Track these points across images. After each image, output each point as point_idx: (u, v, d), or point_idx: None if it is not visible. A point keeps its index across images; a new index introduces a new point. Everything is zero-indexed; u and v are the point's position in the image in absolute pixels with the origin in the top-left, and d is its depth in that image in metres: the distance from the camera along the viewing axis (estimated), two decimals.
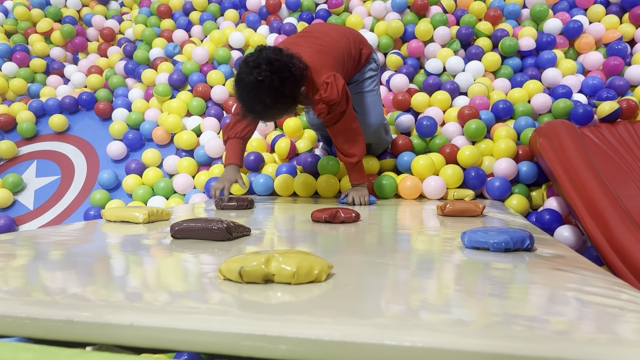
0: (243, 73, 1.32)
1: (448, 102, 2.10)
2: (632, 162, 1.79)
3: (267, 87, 1.29)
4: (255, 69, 1.29)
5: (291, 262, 0.57)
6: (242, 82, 1.32)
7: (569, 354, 0.38)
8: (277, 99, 1.32)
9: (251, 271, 0.57)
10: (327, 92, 1.47)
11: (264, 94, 1.30)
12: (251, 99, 1.32)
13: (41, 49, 2.73)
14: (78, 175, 2.22)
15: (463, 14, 2.43)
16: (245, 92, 1.32)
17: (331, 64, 1.53)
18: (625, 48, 2.19)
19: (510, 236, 0.81)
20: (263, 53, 1.32)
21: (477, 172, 1.77)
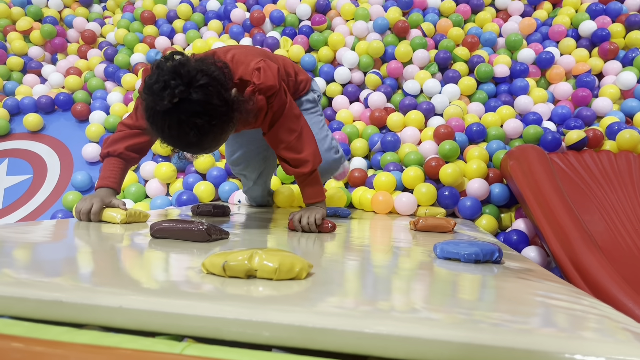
0: (151, 103, 0.98)
1: (422, 122, 2.16)
2: (596, 189, 1.87)
3: (192, 104, 0.98)
4: (164, 90, 0.96)
5: (273, 259, 0.59)
6: (155, 115, 0.99)
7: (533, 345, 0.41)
8: (210, 114, 1.00)
9: (235, 266, 0.59)
10: (261, 77, 1.19)
11: (191, 117, 0.98)
12: (179, 132, 0.99)
13: (19, 47, 2.71)
14: (50, 176, 2.19)
15: (442, 38, 2.51)
16: (165, 125, 0.99)
17: (259, 54, 1.29)
18: (594, 80, 2.29)
19: (480, 248, 0.85)
20: (164, 68, 1.00)
21: (452, 191, 1.82)
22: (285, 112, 1.27)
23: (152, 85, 0.98)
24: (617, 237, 1.61)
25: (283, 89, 1.26)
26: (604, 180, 1.89)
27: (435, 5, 2.68)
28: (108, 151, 1.27)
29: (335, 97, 2.38)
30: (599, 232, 1.65)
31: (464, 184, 1.89)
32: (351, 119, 2.29)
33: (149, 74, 1.01)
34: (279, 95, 1.24)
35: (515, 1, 2.67)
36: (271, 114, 1.26)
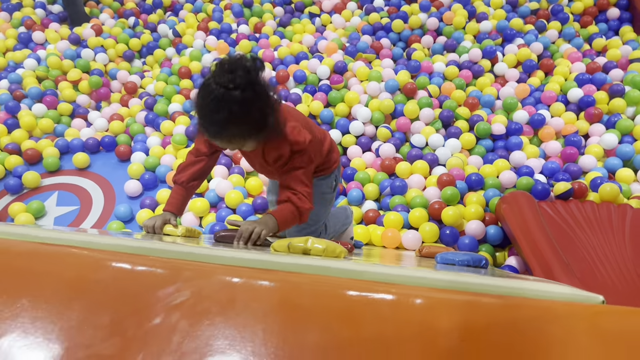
0: (212, 75, 1.14)
1: (426, 170, 2.43)
2: (580, 234, 2.11)
3: (240, 96, 1.12)
4: (230, 73, 1.11)
5: (322, 243, 0.85)
6: (208, 87, 1.13)
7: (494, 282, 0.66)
8: (245, 114, 1.15)
9: (296, 245, 0.84)
10: (295, 133, 1.33)
11: (232, 103, 1.12)
12: (215, 107, 1.13)
13: (69, 95, 3.04)
14: (95, 208, 2.46)
15: (445, 99, 2.82)
16: (209, 96, 1.13)
17: (301, 122, 1.42)
18: (580, 140, 2.57)
19: (471, 257, 1.10)
20: (245, 61, 1.15)
21: (452, 230, 2.07)
22: (302, 171, 1.39)
23: (224, 64, 1.14)
24: (595, 272, 1.84)
25: (311, 152, 1.38)
26: (588, 226, 2.14)
27: (440, 70, 3.02)
28: (175, 179, 1.51)
29: (350, 147, 2.67)
30: (580, 268, 1.88)
31: (463, 224, 2.14)
32: (364, 166, 2.57)
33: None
34: (304, 154, 1.37)
35: (512, 69, 3.00)
36: (289, 166, 1.39)
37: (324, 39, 3.34)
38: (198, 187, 1.58)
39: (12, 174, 2.57)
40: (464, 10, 3.39)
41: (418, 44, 3.29)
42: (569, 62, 2.99)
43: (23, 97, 3.00)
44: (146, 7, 3.85)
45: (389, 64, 3.08)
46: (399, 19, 3.40)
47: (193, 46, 3.37)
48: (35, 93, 2.99)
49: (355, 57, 3.17)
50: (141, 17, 3.77)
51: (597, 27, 3.34)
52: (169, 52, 3.40)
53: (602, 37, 3.23)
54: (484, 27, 3.27)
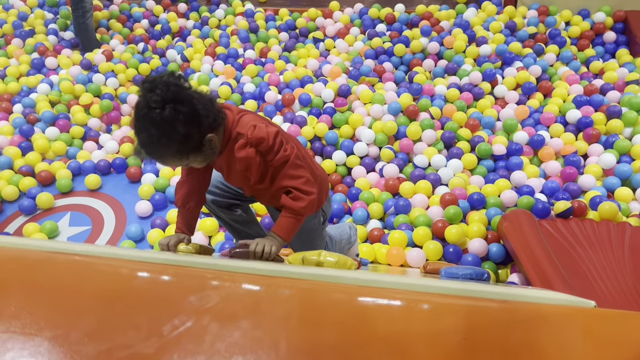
0: (139, 97, 1.15)
1: (430, 190, 2.50)
2: (581, 251, 2.16)
3: (158, 116, 1.12)
4: (150, 92, 1.12)
5: (334, 256, 0.91)
6: (135, 107, 1.16)
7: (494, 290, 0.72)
8: (165, 134, 1.13)
9: (310, 259, 0.91)
10: (255, 132, 1.26)
11: (150, 123, 1.12)
12: (139, 126, 1.15)
13: (81, 118, 3.13)
14: (107, 228, 2.52)
15: (447, 120, 2.90)
16: (135, 119, 1.16)
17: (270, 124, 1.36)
18: (579, 160, 2.63)
19: (474, 270, 1.16)
20: (165, 78, 1.15)
21: (455, 248, 2.13)
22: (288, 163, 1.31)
23: (145, 83, 1.14)
24: (595, 287, 1.89)
25: (282, 144, 1.29)
26: (588, 244, 2.19)
27: (441, 92, 3.10)
28: (175, 202, 1.55)
29: (354, 167, 2.74)
30: (580, 284, 1.93)
31: (466, 242, 2.20)
32: (368, 186, 2.64)
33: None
34: (275, 149, 1.27)
35: (511, 91, 3.08)
36: (272, 170, 1.32)
37: (328, 63, 3.44)
38: (199, 207, 1.56)
39: (27, 195, 2.64)
40: (464, 35, 3.49)
41: (420, 67, 3.38)
42: (567, 85, 3.07)
43: (37, 120, 3.09)
44: (155, 33, 3.97)
45: (391, 87, 3.17)
46: (401, 43, 3.50)
47: (201, 71, 3.46)
48: (48, 117, 3.08)
49: (359, 81, 3.27)
50: (150, 42, 3.88)
51: (594, 50, 3.43)
52: None
53: (599, 60, 3.32)
54: (483, 50, 3.37)
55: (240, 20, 3.95)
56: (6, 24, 3.98)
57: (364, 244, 2.25)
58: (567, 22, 3.67)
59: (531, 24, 3.61)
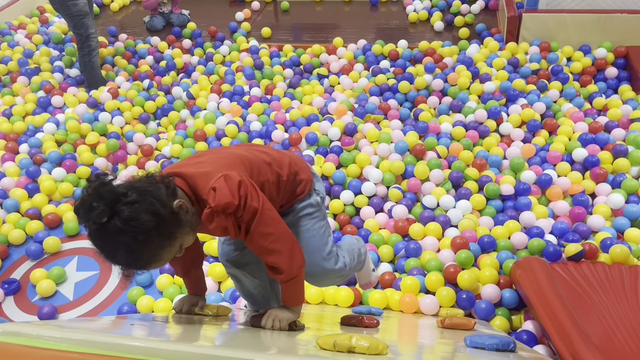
0: (82, 223, 1.05)
1: (440, 232, 2.49)
2: (594, 296, 2.15)
3: (116, 223, 1.01)
4: (89, 212, 1.00)
5: (367, 340, 0.90)
6: (89, 235, 1.06)
7: None
8: (136, 231, 1.02)
9: (341, 343, 0.90)
10: (216, 198, 1.14)
11: (115, 235, 1.01)
12: (108, 251, 1.06)
13: (87, 158, 3.13)
14: (115, 273, 2.50)
15: (454, 160, 2.91)
16: (97, 245, 1.06)
17: (225, 167, 1.23)
18: (587, 200, 2.63)
19: (500, 340, 1.15)
20: (89, 190, 1.03)
21: (469, 294, 2.12)
22: (257, 217, 1.20)
23: (78, 208, 1.02)
24: (613, 338, 1.87)
25: (247, 197, 1.18)
26: (601, 289, 2.17)
27: (447, 130, 3.12)
28: (176, 274, 1.52)
29: (362, 207, 2.73)
30: (597, 334, 1.92)
31: (478, 288, 2.19)
32: (377, 228, 2.63)
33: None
34: (245, 208, 1.17)
35: (517, 129, 3.10)
36: (244, 225, 1.21)
37: (333, 100, 3.46)
38: (201, 266, 1.52)
39: (33, 239, 2.63)
40: (468, 72, 3.53)
41: (424, 104, 3.40)
42: (571, 122, 3.09)
43: (43, 161, 3.09)
44: (160, 69, 4.00)
45: (397, 125, 3.18)
46: (405, 80, 3.53)
47: (207, 108, 3.48)
48: (54, 157, 3.08)
49: (365, 118, 3.28)
50: (155, 79, 3.91)
51: (596, 86, 3.46)
52: (183, 114, 3.51)
53: (602, 96, 3.35)
54: (487, 87, 3.40)
55: (245, 57, 3.98)
56: (11, 62, 4.01)
57: (375, 290, 2.23)
58: (569, 58, 3.71)
59: (533, 60, 3.64)
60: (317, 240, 1.48)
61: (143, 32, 4.55)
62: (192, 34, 4.39)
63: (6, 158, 3.11)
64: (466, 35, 4.06)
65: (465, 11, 4.33)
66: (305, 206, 1.48)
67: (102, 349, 0.76)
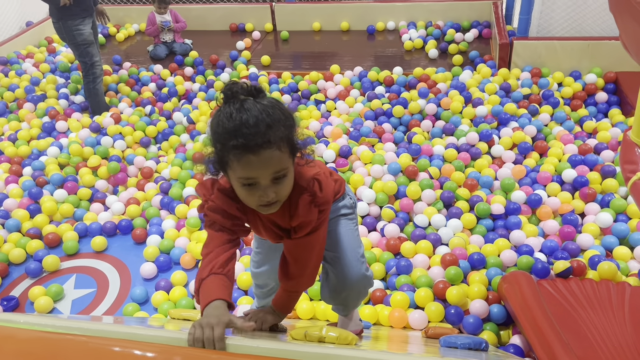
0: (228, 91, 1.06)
1: (430, 250, 2.53)
2: (582, 312, 2.17)
3: (270, 100, 1.06)
4: (241, 90, 1.05)
5: (335, 331, 0.95)
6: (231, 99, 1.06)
7: None
8: (287, 117, 1.07)
9: (312, 334, 0.94)
10: (323, 190, 1.15)
11: (269, 107, 1.04)
12: (257, 110, 1.02)
13: (88, 180, 3.20)
14: (112, 290, 2.55)
15: (446, 180, 2.96)
16: (241, 110, 1.03)
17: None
18: (577, 219, 2.67)
19: (472, 340, 1.19)
20: (239, 84, 1.06)
21: (457, 309, 2.15)
22: (324, 226, 1.22)
23: (233, 82, 1.06)
24: (599, 352, 1.89)
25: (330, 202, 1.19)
26: (588, 304, 2.20)
27: (440, 152, 3.18)
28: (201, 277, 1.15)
29: None
30: (582, 348, 1.93)
31: (467, 303, 2.22)
32: (370, 246, 2.67)
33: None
34: (327, 211, 1.19)
35: (508, 151, 3.16)
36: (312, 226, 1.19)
37: (329, 124, 3.55)
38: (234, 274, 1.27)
39: (33, 257, 2.68)
40: (461, 97, 3.62)
41: (418, 128, 3.48)
42: (561, 144, 3.15)
43: (45, 183, 3.17)
44: (162, 95, 4.12)
45: (391, 148, 3.25)
46: (399, 104, 3.62)
47: (207, 133, 3.56)
48: (57, 179, 3.16)
49: (359, 141, 3.36)
50: (157, 105, 4.02)
51: (586, 110, 3.54)
52: (183, 138, 3.60)
53: (592, 120, 3.42)
54: (479, 111, 3.48)
55: None
56: (19, 89, 4.14)
57: (366, 306, 2.27)
58: (560, 83, 3.80)
59: (525, 85, 3.74)
60: (354, 241, 1.46)
61: (147, 60, 4.70)
62: (194, 62, 4.53)
63: (10, 180, 3.20)
64: (460, 62, 4.18)
65: (459, 39, 4.46)
66: (341, 206, 1.47)
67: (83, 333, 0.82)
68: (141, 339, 0.81)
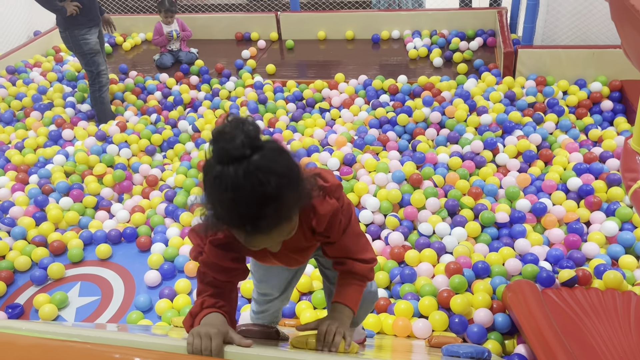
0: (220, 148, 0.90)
1: (434, 258, 2.52)
2: (587, 321, 2.16)
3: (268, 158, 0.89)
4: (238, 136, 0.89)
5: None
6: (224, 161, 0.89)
7: None
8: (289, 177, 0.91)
9: (314, 342, 0.94)
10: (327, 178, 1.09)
11: (267, 170, 0.87)
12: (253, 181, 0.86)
13: (94, 188, 3.22)
14: (116, 298, 2.56)
15: (450, 188, 2.96)
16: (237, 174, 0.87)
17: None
18: (582, 228, 2.66)
19: (475, 349, 1.18)
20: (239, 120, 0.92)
21: (461, 319, 2.14)
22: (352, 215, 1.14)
23: (223, 129, 0.89)
24: None
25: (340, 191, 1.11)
26: (594, 314, 2.18)
27: (444, 161, 3.18)
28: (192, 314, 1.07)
29: None
30: (588, 356, 1.92)
31: (471, 312, 2.21)
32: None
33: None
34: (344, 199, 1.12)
35: (513, 159, 3.16)
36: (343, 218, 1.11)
37: (333, 132, 3.56)
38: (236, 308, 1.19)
39: (38, 265, 2.69)
40: (465, 105, 3.62)
41: (422, 136, 3.48)
42: (566, 152, 3.14)
43: (51, 191, 3.18)
44: (167, 104, 4.14)
45: (395, 156, 3.25)
46: (404, 113, 3.62)
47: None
48: (62, 187, 3.17)
49: (364, 150, 3.36)
50: (163, 113, 4.04)
51: (592, 118, 3.53)
52: (188, 147, 3.62)
53: (598, 128, 3.41)
54: (484, 120, 3.48)
55: (249, 92, 4.12)
56: (26, 98, 4.18)
57: (370, 314, 2.26)
58: (565, 91, 3.79)
59: (530, 93, 3.73)
60: None
61: (153, 69, 4.73)
62: (200, 71, 4.55)
63: (16, 188, 3.22)
64: (464, 71, 4.18)
65: (464, 48, 4.47)
66: None
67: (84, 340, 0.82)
68: (142, 346, 0.81)
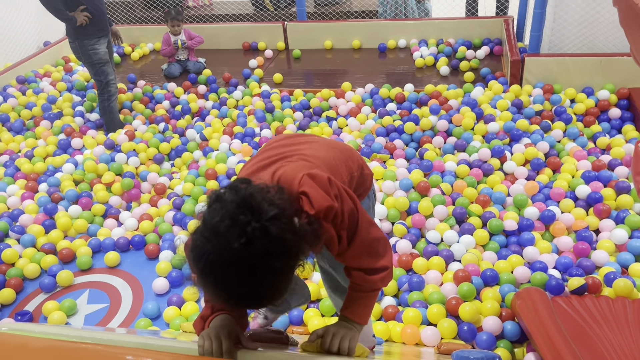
0: (214, 248, 0.81)
1: (443, 266, 2.52)
2: (597, 330, 2.14)
3: (266, 243, 0.81)
4: (232, 227, 0.80)
5: None
6: (217, 263, 0.82)
7: None
8: (288, 253, 0.84)
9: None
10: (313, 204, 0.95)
11: (267, 259, 0.81)
12: (249, 280, 0.81)
13: (102, 196, 3.24)
14: (124, 305, 2.56)
15: (458, 196, 2.95)
16: (230, 274, 0.81)
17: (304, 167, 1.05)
18: (591, 235, 2.64)
19: (486, 355, 1.18)
20: (229, 199, 0.84)
21: (470, 326, 2.13)
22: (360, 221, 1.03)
23: (216, 224, 0.80)
24: None
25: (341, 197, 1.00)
26: (604, 322, 2.17)
27: (451, 169, 3.18)
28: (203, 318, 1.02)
29: None
30: None
31: (480, 320, 2.19)
32: None
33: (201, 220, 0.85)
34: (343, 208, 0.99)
35: (520, 167, 3.15)
36: (345, 232, 1.01)
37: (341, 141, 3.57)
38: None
39: (47, 273, 2.71)
40: (472, 113, 3.62)
41: (429, 144, 3.48)
42: (575, 160, 3.13)
43: (60, 199, 3.21)
44: (175, 113, 4.17)
45: (402, 164, 3.26)
46: (411, 121, 3.63)
47: (219, 149, 3.60)
48: (71, 195, 3.19)
49: (371, 158, 3.37)
50: (170, 122, 4.07)
51: (600, 126, 3.52)
52: (196, 155, 3.64)
53: (606, 136, 3.40)
54: (491, 128, 3.47)
55: (257, 101, 4.14)
56: (36, 107, 4.22)
57: (378, 322, 2.25)
58: (572, 99, 3.79)
59: (537, 101, 3.73)
60: None
61: (161, 78, 4.77)
62: (207, 80, 4.59)
63: (25, 196, 3.24)
64: (471, 79, 4.19)
65: (471, 56, 4.48)
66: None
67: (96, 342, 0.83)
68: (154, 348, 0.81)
